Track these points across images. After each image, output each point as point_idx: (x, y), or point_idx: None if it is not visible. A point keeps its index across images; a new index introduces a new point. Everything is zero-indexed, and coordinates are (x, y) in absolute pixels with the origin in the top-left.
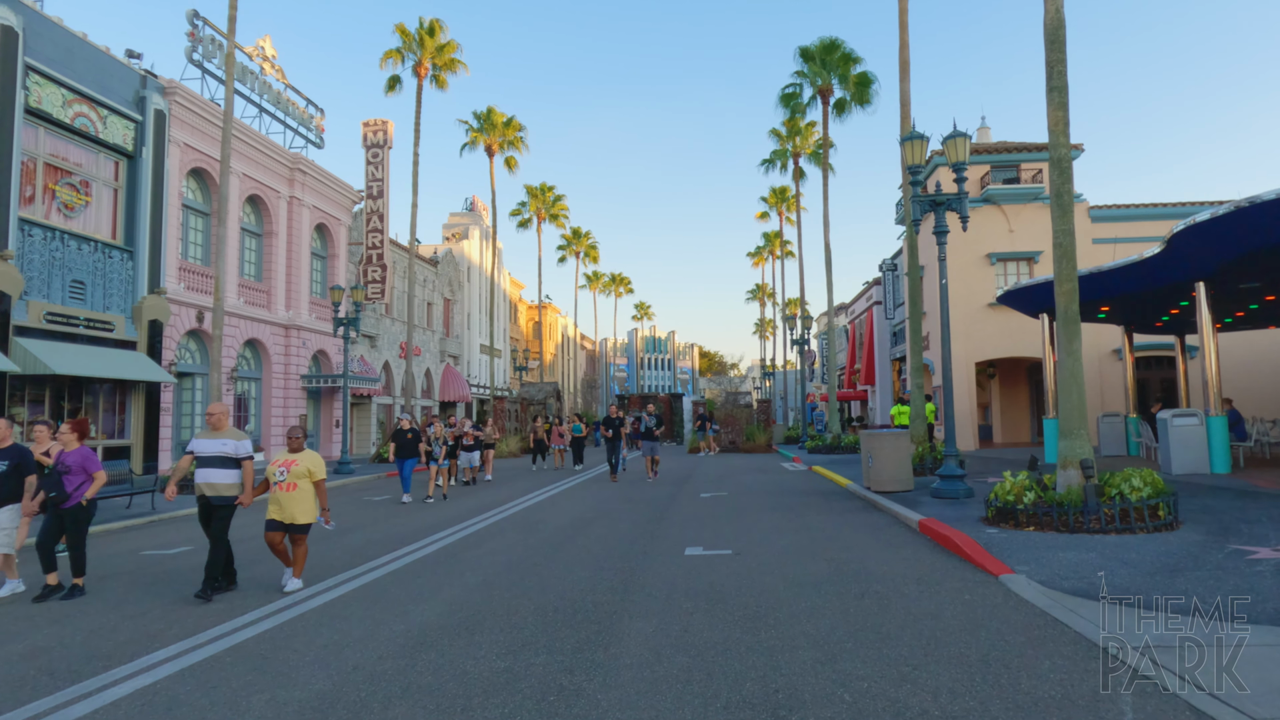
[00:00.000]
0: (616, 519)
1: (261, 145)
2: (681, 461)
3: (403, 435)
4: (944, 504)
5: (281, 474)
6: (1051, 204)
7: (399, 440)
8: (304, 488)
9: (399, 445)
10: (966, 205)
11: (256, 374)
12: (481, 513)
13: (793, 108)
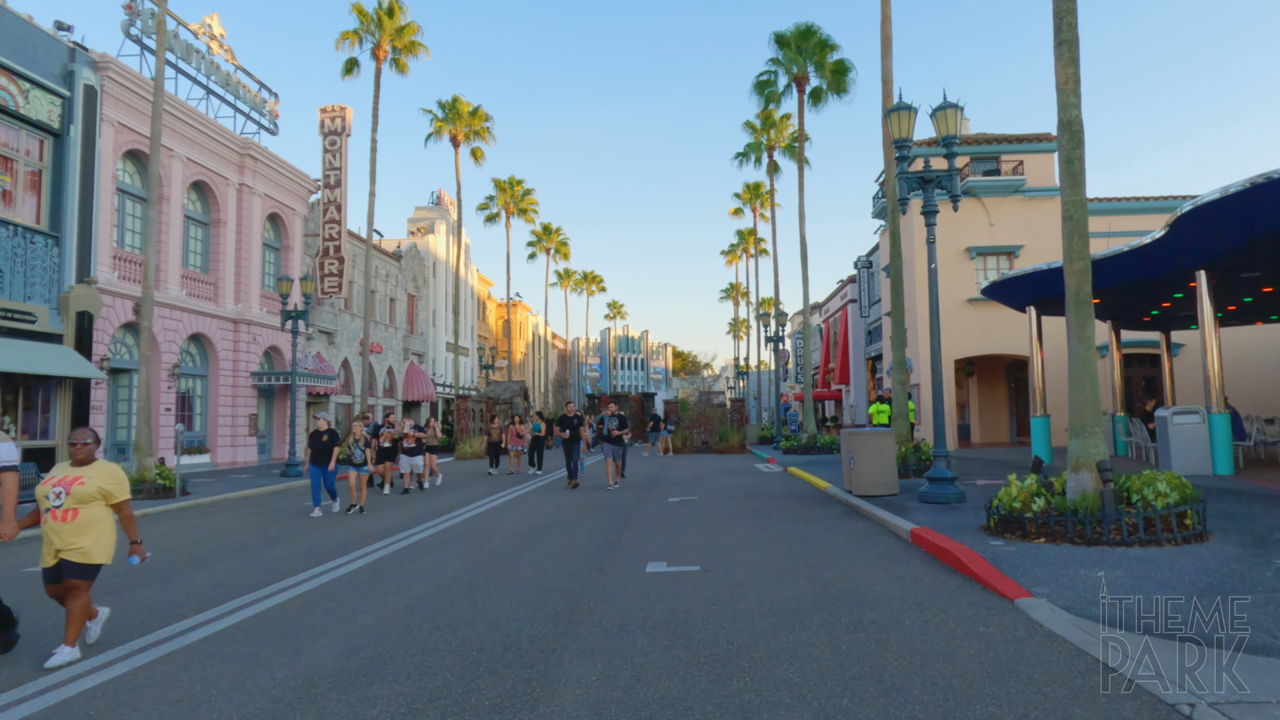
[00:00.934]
0: (574, 528)
1: (208, 128)
2: (650, 464)
3: (317, 438)
4: (935, 510)
5: (56, 497)
6: (1060, 173)
7: (314, 444)
8: (93, 515)
9: (313, 449)
10: (959, 183)
11: (202, 371)
12: (424, 522)
13: (767, 96)
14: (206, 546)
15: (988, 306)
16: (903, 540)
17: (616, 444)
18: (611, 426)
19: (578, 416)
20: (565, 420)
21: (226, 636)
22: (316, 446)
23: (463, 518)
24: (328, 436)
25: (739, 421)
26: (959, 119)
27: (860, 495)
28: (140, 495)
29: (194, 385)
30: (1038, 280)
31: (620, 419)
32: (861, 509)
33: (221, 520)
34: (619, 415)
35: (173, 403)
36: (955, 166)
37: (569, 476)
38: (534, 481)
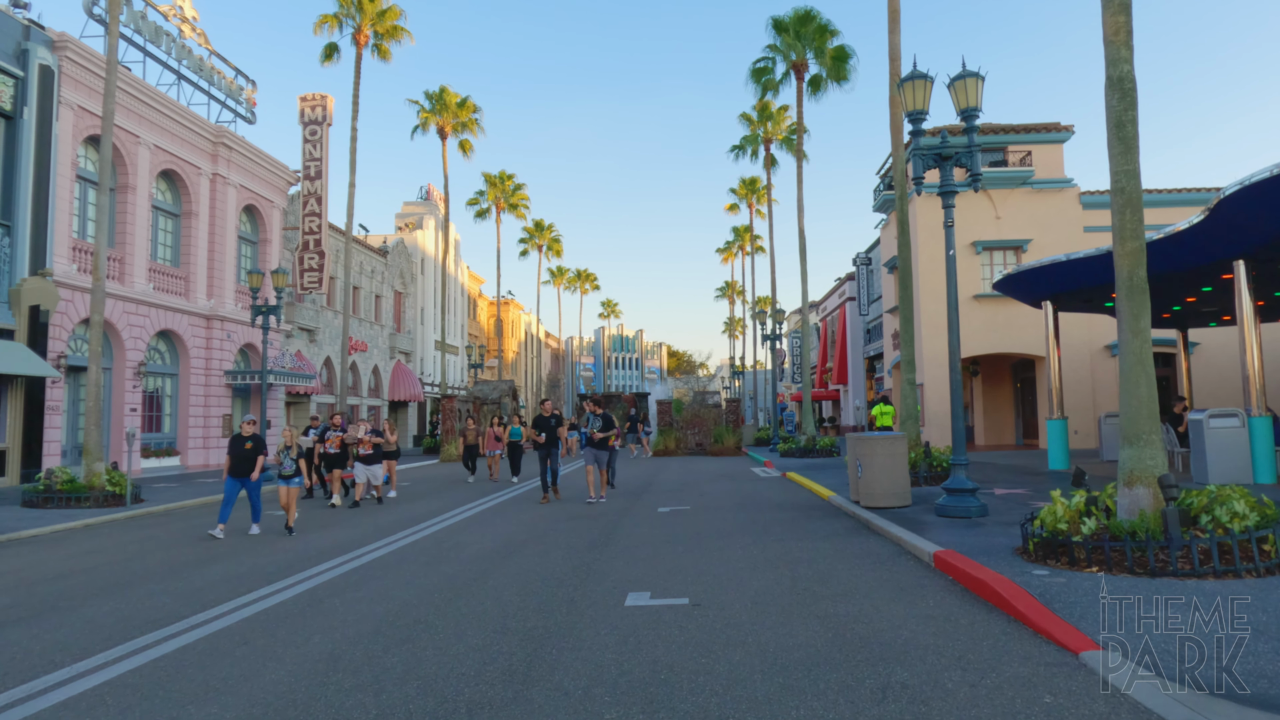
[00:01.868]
0: (549, 545)
1: (178, 114)
2: (641, 467)
3: (238, 444)
4: (956, 526)
5: None
6: (1110, 137)
7: (234, 450)
8: None
9: (233, 457)
10: (979, 159)
11: (172, 369)
12: (384, 537)
13: (764, 85)
14: (135, 566)
15: (994, 303)
16: (924, 565)
17: (600, 448)
18: (593, 429)
19: (555, 416)
20: (541, 421)
21: (90, 701)
22: (237, 454)
23: (428, 532)
24: (251, 443)
25: (734, 423)
26: (980, 89)
27: (869, 507)
28: (86, 503)
29: (163, 384)
30: (1056, 273)
31: (605, 419)
32: (872, 524)
33: (167, 532)
34: (603, 415)
35: (139, 402)
36: (976, 141)
37: (543, 489)
38: (512, 490)
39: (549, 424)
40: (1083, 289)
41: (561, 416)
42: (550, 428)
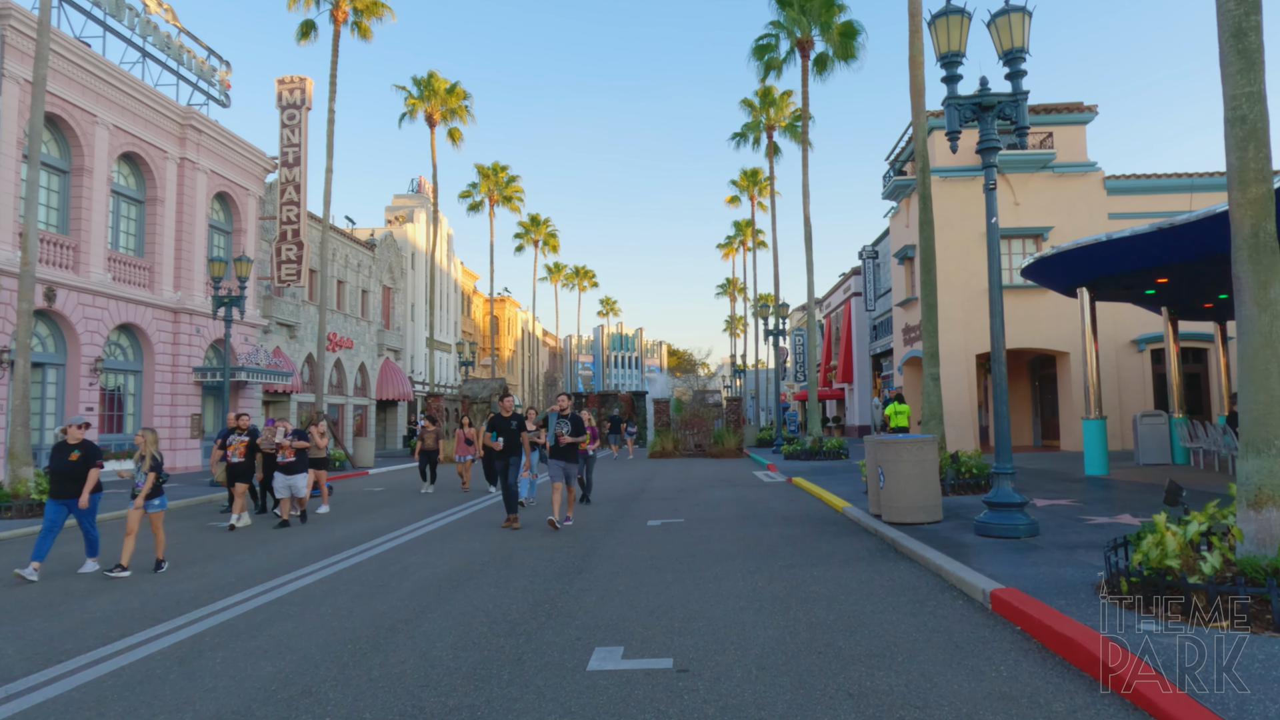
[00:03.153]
0: (513, 571)
1: (140, 93)
2: (637, 469)
3: (61, 455)
4: (1006, 551)
5: None
6: (1224, 51)
7: (55, 464)
8: None
9: (54, 473)
10: (1026, 111)
11: (134, 365)
12: (311, 563)
13: (767, 64)
14: (3, 599)
15: (1013, 295)
16: (978, 607)
17: (568, 458)
18: (560, 432)
19: (517, 417)
20: (499, 422)
21: None
22: (59, 469)
23: (373, 553)
24: (79, 452)
25: (735, 423)
26: (1026, 28)
27: (893, 523)
28: (8, 514)
29: (125, 382)
30: (1096, 255)
31: (574, 421)
32: (900, 545)
33: (72, 553)
34: (572, 416)
35: (96, 401)
36: (1022, 89)
37: (506, 509)
38: (483, 500)
39: (508, 426)
40: (1126, 273)
41: (524, 417)
42: (510, 431)
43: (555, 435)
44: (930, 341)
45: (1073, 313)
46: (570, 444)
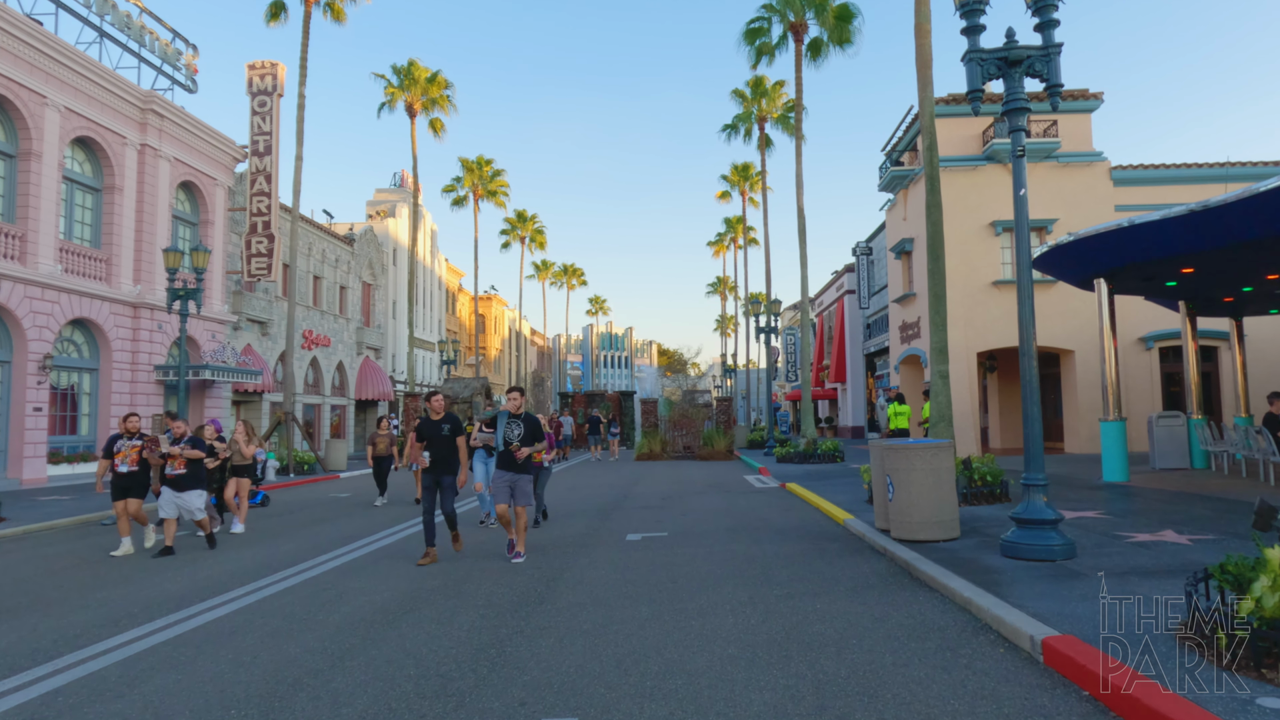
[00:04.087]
0: (463, 600)
1: (95, 74)
2: (622, 473)
3: None
4: (1043, 578)
5: None
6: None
7: None
8: None
9: None
10: (1059, 67)
11: (90, 363)
12: (237, 586)
13: (758, 49)
14: None
15: (1015, 291)
16: (1024, 657)
17: (518, 469)
18: (510, 438)
19: (450, 420)
20: (428, 427)
21: None
22: None
23: (310, 574)
24: None
25: (726, 424)
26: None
27: (904, 540)
28: None
29: (79, 380)
30: (1114, 243)
31: (529, 424)
32: (915, 569)
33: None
34: (526, 417)
35: (46, 400)
36: (1054, 41)
37: (426, 538)
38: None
39: (438, 432)
40: (1149, 262)
41: (459, 420)
42: (442, 439)
43: (504, 441)
44: (939, 336)
45: (1078, 309)
46: (513, 451)
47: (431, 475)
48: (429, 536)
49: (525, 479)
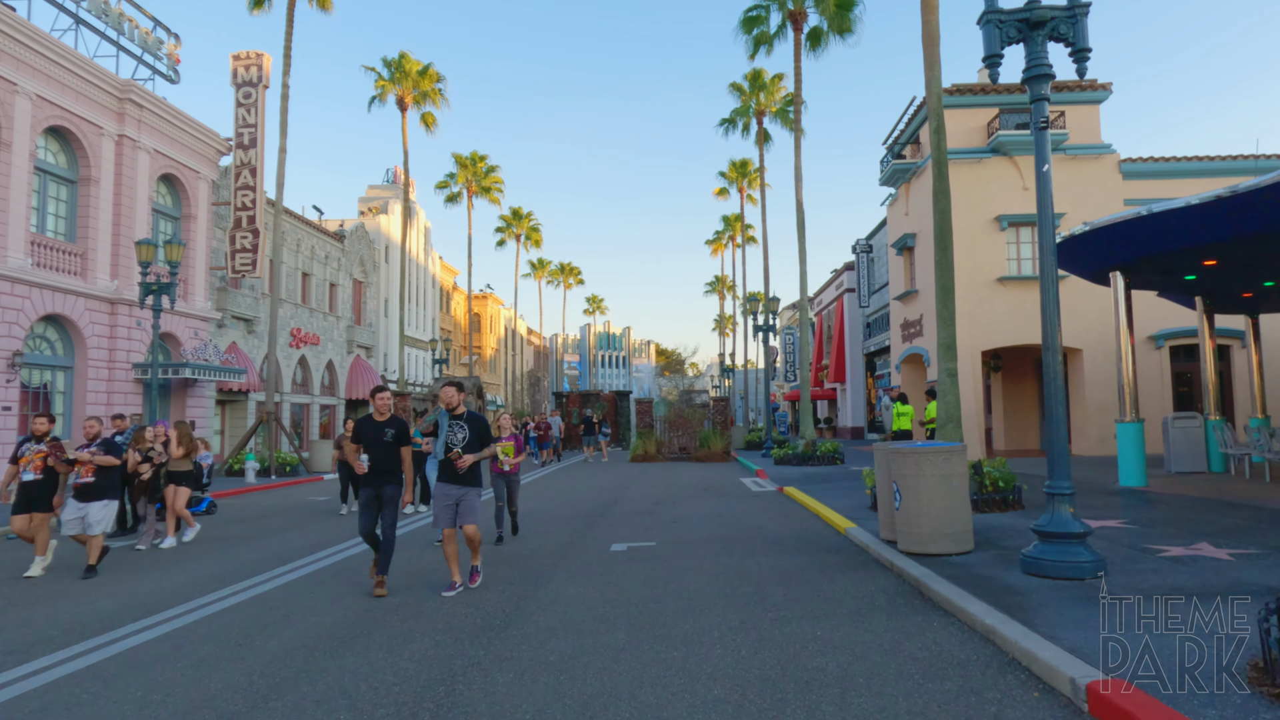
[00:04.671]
0: (420, 622)
1: (70, 61)
2: (614, 475)
3: None
4: (1075, 600)
5: None
6: None
7: None
8: None
9: None
10: (1086, 30)
11: (65, 361)
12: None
13: (756, 38)
14: None
15: (1021, 288)
16: (1062, 702)
17: (462, 481)
18: (453, 443)
19: (396, 422)
20: (367, 429)
21: None
22: None
23: (260, 590)
24: None
25: (723, 424)
26: None
27: (913, 553)
28: None
29: (53, 379)
30: (1133, 233)
31: (475, 426)
32: (927, 588)
33: None
34: (469, 418)
35: (15, 400)
36: (1080, 1)
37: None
38: (414, 521)
39: (379, 436)
40: (1170, 253)
41: (405, 423)
42: (382, 445)
43: (444, 447)
44: (947, 331)
45: (1087, 307)
46: (471, 462)
47: (371, 486)
48: (378, 561)
49: (472, 494)
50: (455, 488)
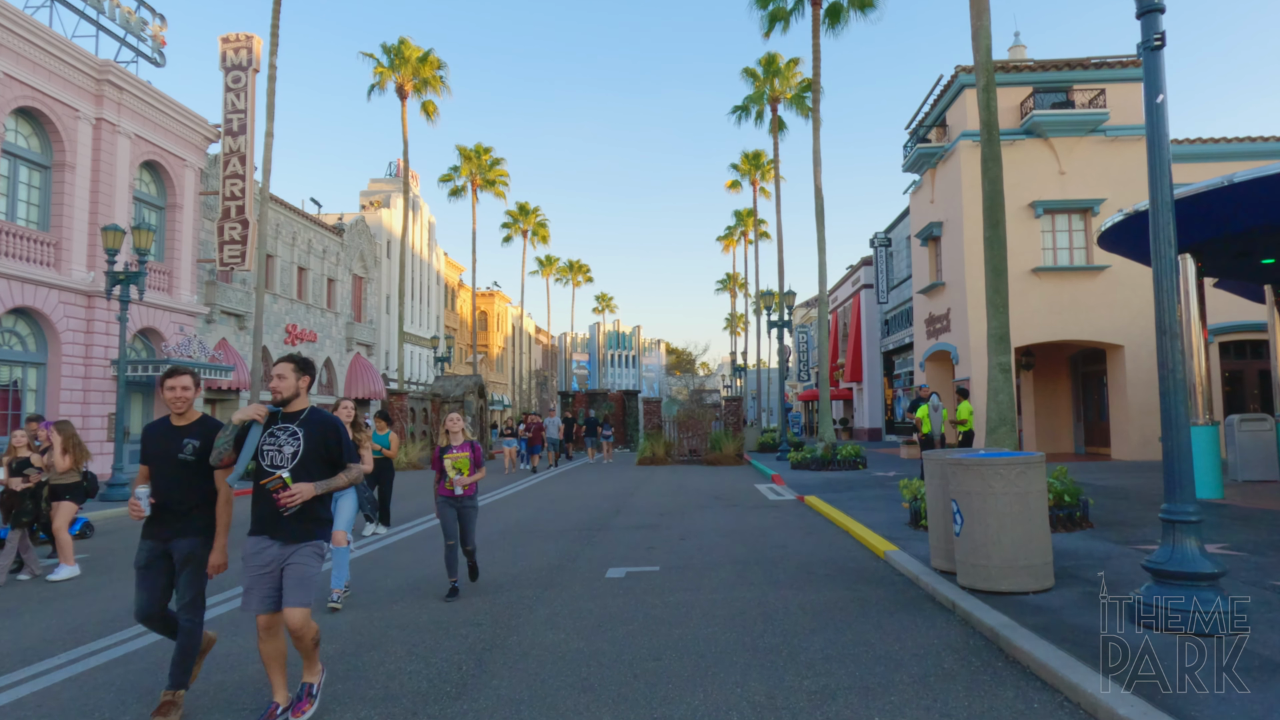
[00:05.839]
0: (352, 685)
1: (42, 38)
2: (620, 480)
3: None
4: (1232, 668)
5: None
6: None
7: None
8: None
9: None
10: None
11: (37, 357)
12: (80, 643)
13: (771, 14)
14: None
15: (1057, 279)
16: None
17: (294, 534)
18: (275, 463)
19: (201, 430)
20: (156, 440)
21: None
22: None
23: (143, 643)
24: None
25: (735, 425)
26: None
27: (978, 590)
28: None
29: (23, 376)
30: (1211, 206)
31: (315, 431)
32: (1011, 645)
33: None
34: (303, 418)
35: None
36: None
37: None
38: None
39: (170, 450)
40: (1251, 231)
41: (219, 429)
42: (176, 466)
43: (260, 471)
44: (999, 320)
45: (1128, 298)
46: (297, 497)
47: (156, 537)
48: (173, 674)
49: (306, 553)
50: (274, 543)
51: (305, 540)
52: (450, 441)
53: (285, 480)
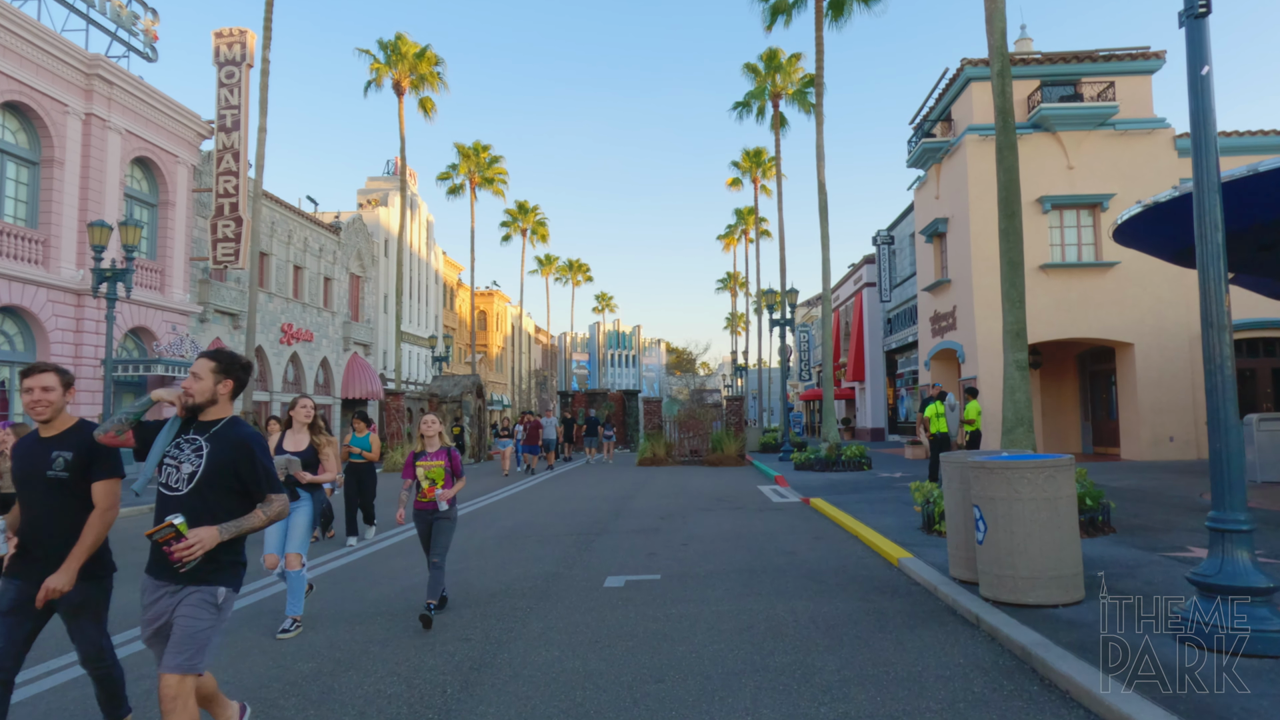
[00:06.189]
0: (324, 713)
1: (28, 31)
2: (620, 481)
3: None
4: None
5: None
6: None
7: None
8: None
9: None
10: None
11: (25, 356)
12: None
13: (773, 7)
14: None
15: (1065, 275)
16: None
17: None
18: (173, 484)
19: (75, 441)
20: (25, 459)
21: None
22: None
23: (37, 689)
24: None
25: (737, 425)
26: None
27: (1004, 602)
28: None
29: (10, 375)
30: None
31: (222, 448)
32: (1047, 667)
33: None
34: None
35: None
36: None
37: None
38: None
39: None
40: (1277, 222)
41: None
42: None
43: (158, 500)
44: (1015, 315)
45: (1137, 296)
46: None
47: (20, 575)
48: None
49: (192, 602)
50: (164, 589)
51: (196, 584)
52: (425, 447)
53: (178, 529)
